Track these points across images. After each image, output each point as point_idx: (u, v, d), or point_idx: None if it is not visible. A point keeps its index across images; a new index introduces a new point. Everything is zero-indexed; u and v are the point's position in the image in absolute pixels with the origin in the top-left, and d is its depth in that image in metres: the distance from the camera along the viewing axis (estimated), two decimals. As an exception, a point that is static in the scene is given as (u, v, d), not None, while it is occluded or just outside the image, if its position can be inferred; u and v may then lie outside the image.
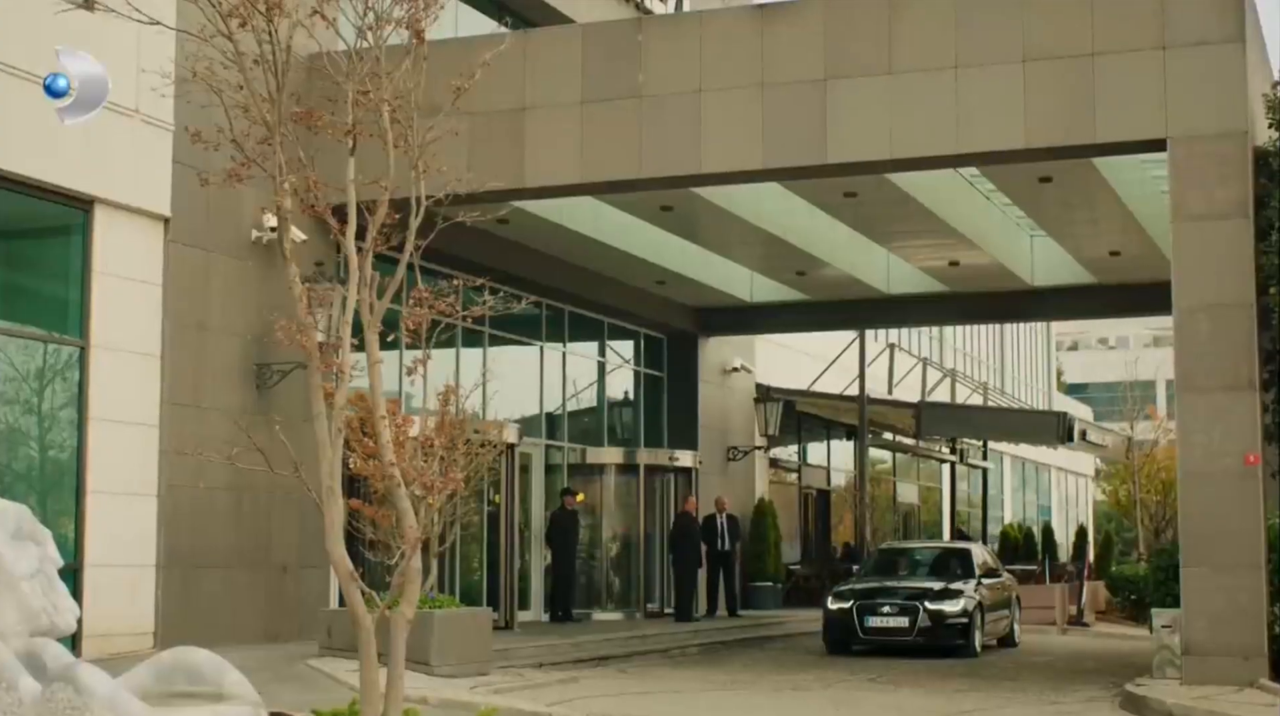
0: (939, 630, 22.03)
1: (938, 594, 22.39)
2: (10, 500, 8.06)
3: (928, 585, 22.88)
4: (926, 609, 22.03)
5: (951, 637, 22.09)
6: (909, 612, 22.06)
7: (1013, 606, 25.14)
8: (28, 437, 16.25)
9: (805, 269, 26.26)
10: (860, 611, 22.20)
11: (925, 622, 21.95)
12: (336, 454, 9.67)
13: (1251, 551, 15.78)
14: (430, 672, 15.68)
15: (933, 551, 26.61)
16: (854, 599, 22.40)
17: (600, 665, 19.54)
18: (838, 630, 22.46)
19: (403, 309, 11.49)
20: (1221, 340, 16.05)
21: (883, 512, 39.91)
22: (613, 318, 28.02)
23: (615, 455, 27.15)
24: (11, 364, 15.89)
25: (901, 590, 22.81)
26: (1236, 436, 15.93)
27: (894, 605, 22.18)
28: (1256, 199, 16.25)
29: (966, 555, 24.76)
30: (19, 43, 14.81)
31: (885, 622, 22.12)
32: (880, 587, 22.93)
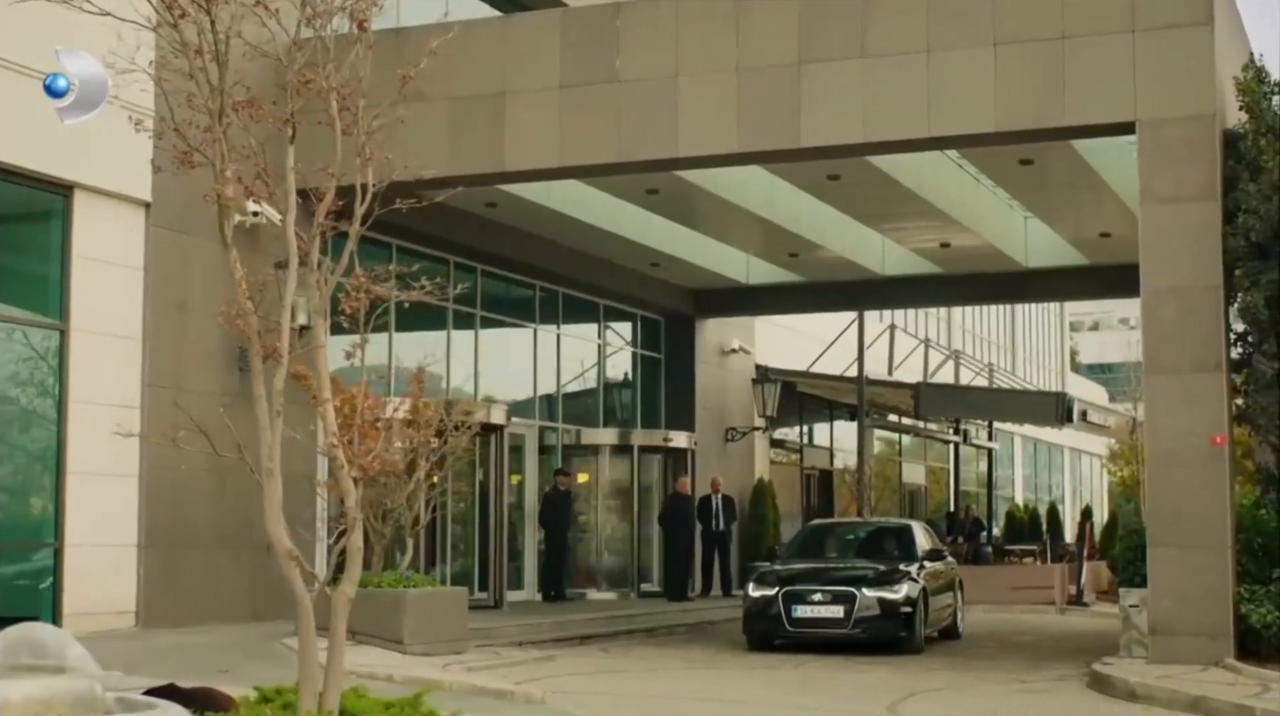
0: (879, 620, 19.06)
1: (877, 578, 19.49)
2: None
3: (865, 568, 20.18)
4: (864, 595, 19.05)
5: (893, 629, 19.16)
6: (844, 600, 19.03)
7: (956, 593, 22.26)
8: (8, 419, 16.48)
9: (798, 251, 26.39)
10: (787, 599, 19.14)
11: (863, 612, 18.96)
12: (276, 436, 9.83)
13: (1218, 532, 15.88)
14: (404, 651, 15.91)
15: (869, 529, 23.70)
16: (779, 584, 19.35)
17: (583, 644, 19.76)
18: (760, 621, 19.41)
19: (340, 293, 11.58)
20: (1189, 322, 16.13)
21: (887, 493, 40.08)
22: (609, 300, 28.19)
23: (610, 436, 27.36)
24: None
25: (835, 574, 19.97)
26: (1204, 418, 16.01)
27: (826, 592, 19.13)
28: (1225, 181, 16.31)
29: (907, 534, 21.99)
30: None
31: (816, 612, 19.05)
32: (810, 571, 20.14)
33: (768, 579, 19.77)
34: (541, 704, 13.52)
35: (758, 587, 19.64)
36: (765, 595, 19.40)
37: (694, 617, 23.46)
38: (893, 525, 24.08)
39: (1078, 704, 14.74)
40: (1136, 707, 14.43)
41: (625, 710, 13.55)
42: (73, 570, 16.31)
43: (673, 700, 14.62)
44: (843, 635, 18.98)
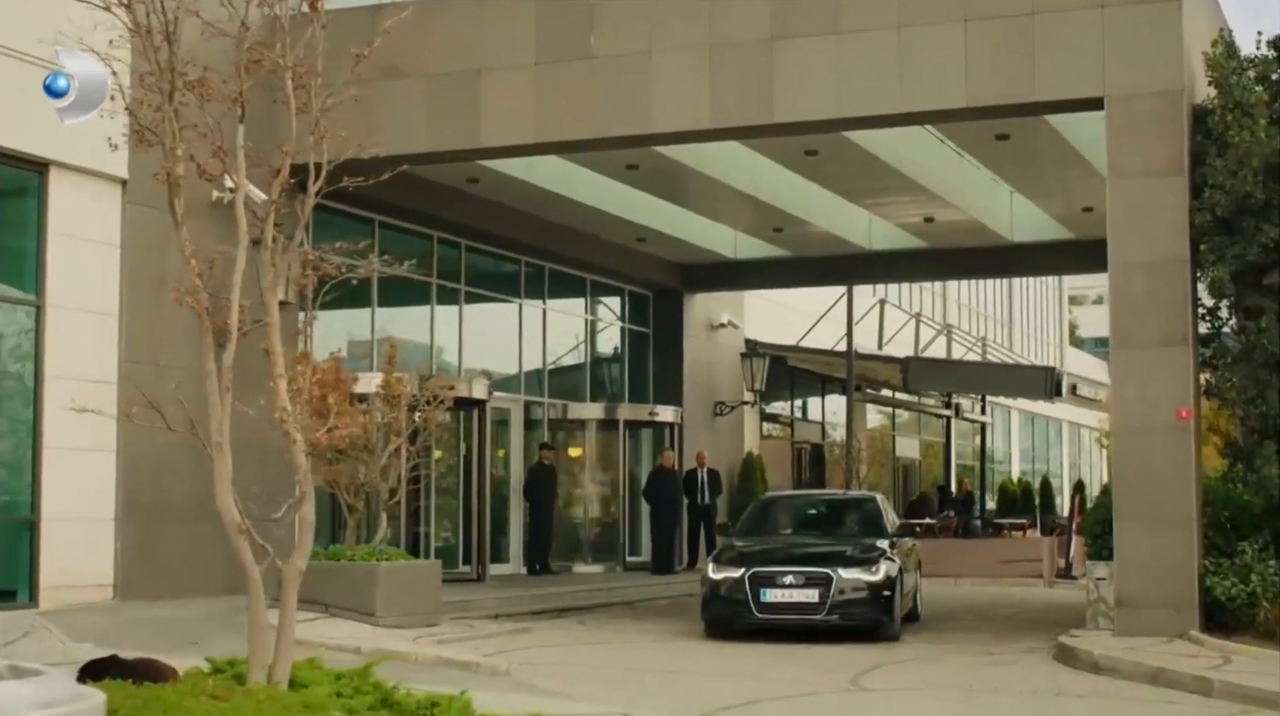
0: (857, 605, 17.16)
1: (853, 558, 17.59)
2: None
3: (837, 547, 18.31)
4: (841, 577, 17.07)
5: (872, 614, 17.27)
6: (818, 583, 17.02)
7: (917, 572, 20.19)
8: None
9: (783, 226, 26.48)
10: (754, 582, 17.06)
11: (840, 595, 17.02)
12: (225, 410, 9.97)
13: (1184, 505, 16.00)
14: (376, 623, 16.10)
15: (830, 503, 21.76)
16: (745, 565, 17.36)
17: (561, 617, 19.92)
18: (722, 606, 17.38)
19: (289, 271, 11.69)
20: (1156, 296, 16.23)
21: (881, 468, 40.24)
22: (596, 275, 28.31)
23: (596, 411, 27.51)
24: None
25: (805, 553, 18.00)
26: (1170, 391, 16.12)
27: (799, 573, 17.10)
28: (1193, 156, 16.39)
29: (872, 507, 20.00)
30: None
31: (788, 596, 16.99)
32: (777, 550, 18.26)
33: (729, 558, 17.63)
34: (506, 675, 13.67)
35: (719, 568, 17.48)
36: (728, 577, 17.20)
37: (676, 590, 23.58)
38: (856, 498, 22.29)
39: (1040, 675, 14.87)
40: (1099, 679, 14.57)
41: (589, 682, 13.67)
42: (50, 544, 16.46)
43: (639, 672, 14.76)
44: (817, 622, 17.01)
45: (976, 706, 13.07)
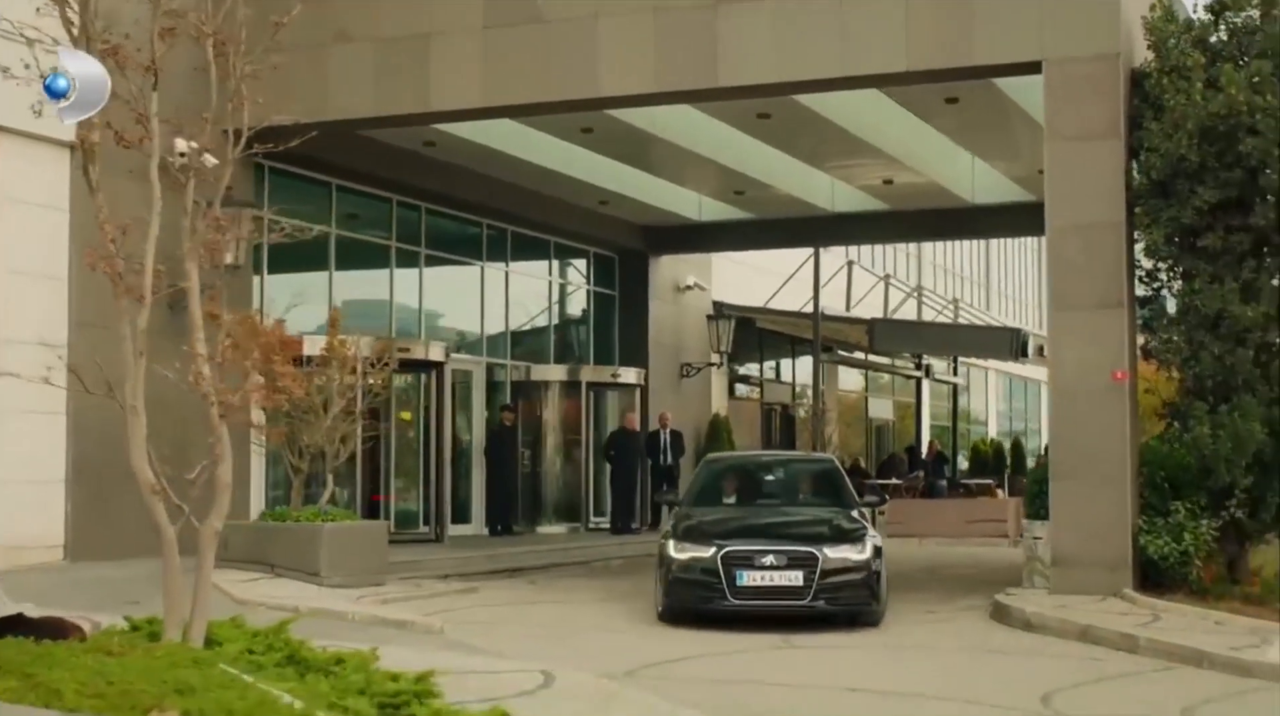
0: (845, 588, 14.98)
1: (837, 533, 15.43)
2: None
3: (814, 520, 16.19)
4: (828, 557, 14.85)
5: (860, 598, 15.15)
6: (802, 563, 14.77)
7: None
8: (-68, 359, 16.76)
9: (743, 189, 26.62)
10: (728, 563, 14.79)
11: (828, 578, 14.82)
12: (139, 373, 10.12)
13: (1119, 466, 16.19)
14: (320, 583, 16.27)
15: (784, 467, 18.94)
16: (714, 543, 15.04)
17: (513, 576, 20.12)
18: (691, 590, 15.02)
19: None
20: (1092, 259, 16.40)
21: (852, 429, 40.46)
22: (559, 237, 28.42)
23: (559, 372, 27.68)
24: (-86, 287, 16.42)
25: (784, 529, 15.82)
26: (1106, 353, 16.31)
27: (780, 553, 14.83)
28: (1130, 119, 16.53)
29: (833, 472, 17.83)
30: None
31: (768, 579, 14.76)
32: (748, 525, 15.94)
33: (693, 533, 15.36)
34: (440, 634, 13.87)
35: (684, 546, 15.14)
36: (696, 557, 14.93)
37: (633, 551, 23.76)
38: (813, 461, 19.75)
39: (973, 633, 15.09)
40: (1030, 636, 14.80)
41: (523, 640, 13.88)
42: (1, 505, 16.64)
43: (577, 630, 14.95)
44: (801, 608, 14.77)
45: (900, 663, 13.29)
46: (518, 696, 9.98)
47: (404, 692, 8.22)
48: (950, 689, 11.79)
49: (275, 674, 8.92)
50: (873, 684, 11.97)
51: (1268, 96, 15.65)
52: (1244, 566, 16.82)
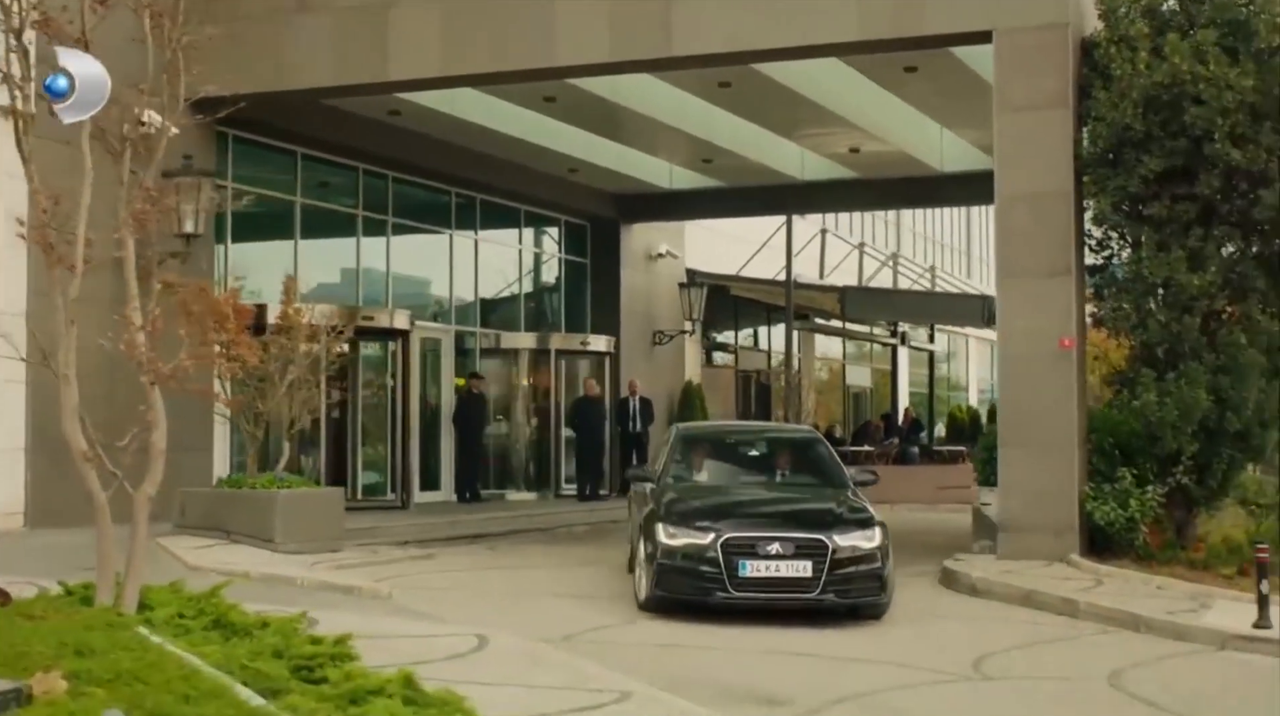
0: (856, 580, 13.37)
1: (845, 519, 13.84)
2: None
3: (817, 503, 14.51)
4: (838, 545, 13.27)
5: (871, 590, 13.49)
6: (810, 552, 13.20)
7: None
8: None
9: (711, 157, 26.71)
10: (729, 550, 13.17)
11: (838, 568, 13.25)
12: (70, 342, 10.25)
13: (1066, 432, 16.35)
14: (275, 550, 16.42)
15: (768, 439, 17.29)
16: (713, 528, 13.42)
17: (473, 542, 20.24)
18: (686, 580, 13.37)
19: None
20: (1041, 228, 16.52)
21: (830, 396, 40.60)
22: (530, 206, 28.52)
23: (529, 340, 27.82)
24: None
25: (788, 512, 14.23)
26: (1054, 321, 16.44)
27: (788, 541, 13.26)
28: (1080, 89, 16.63)
29: (819, 446, 16.25)
30: None
31: (774, 570, 13.17)
32: (747, 508, 14.42)
33: (687, 517, 13.73)
34: (387, 599, 14.01)
35: (678, 531, 13.51)
36: (693, 544, 13.32)
37: (598, 517, 23.94)
38: (797, 435, 17.74)
39: (920, 598, 15.21)
40: (975, 601, 14.98)
41: (469, 605, 14.01)
42: (-39, 474, 16.81)
43: (527, 597, 15.04)
44: (809, 601, 13.24)
45: (840, 627, 13.38)
46: (447, 659, 10.16)
47: (320, 656, 8.37)
48: (886, 653, 11.96)
49: (201, 637, 9.09)
50: (810, 648, 12.11)
51: (1212, 66, 15.74)
52: (1192, 532, 16.99)
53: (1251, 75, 15.80)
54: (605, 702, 8.82)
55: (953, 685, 10.72)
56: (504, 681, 9.39)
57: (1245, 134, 15.85)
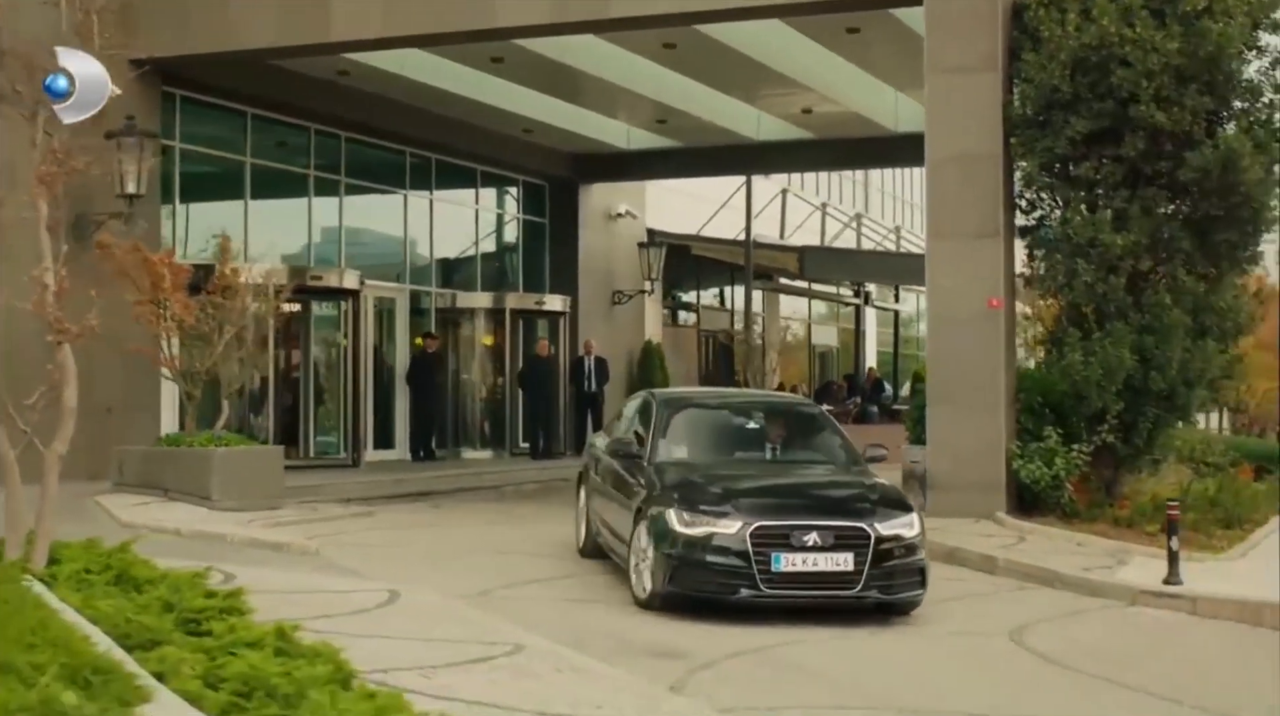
0: (900, 574, 11.68)
1: (882, 503, 12.04)
2: None
3: (843, 484, 12.76)
4: (880, 534, 11.57)
5: (914, 585, 11.82)
6: (853, 543, 11.47)
7: None
8: None
9: (665, 118, 26.81)
10: (760, 541, 11.36)
11: (880, 561, 11.53)
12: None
13: (993, 391, 16.55)
14: (212, 507, 16.59)
15: (764, 410, 14.58)
16: (741, 516, 11.56)
17: (418, 500, 20.42)
18: (710, 576, 11.51)
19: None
20: (970, 189, 16.69)
21: (795, 356, 40.77)
22: (486, 166, 28.62)
23: (484, 300, 27.96)
24: None
25: (814, 497, 12.49)
26: (982, 281, 16.63)
27: (827, 529, 11.48)
28: (1010, 51, 16.77)
29: (822, 419, 14.42)
30: None
31: (812, 563, 11.40)
32: (772, 490, 12.54)
33: (709, 504, 11.80)
34: (315, 556, 14.20)
35: (695, 519, 11.65)
36: (716, 533, 11.54)
37: (548, 476, 24.14)
38: (801, 406, 15.60)
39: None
40: (899, 558, 15.15)
41: (396, 562, 14.12)
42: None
43: (460, 553, 15.16)
44: (849, 599, 11.55)
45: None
46: (352, 614, 10.34)
47: (210, 609, 8.55)
48: (793, 607, 12.16)
49: (101, 591, 9.25)
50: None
51: (1138, 29, 15.89)
52: (1119, 490, 17.23)
53: (1177, 38, 15.94)
54: (496, 655, 8.99)
55: (855, 639, 10.93)
56: (402, 635, 9.57)
57: (1170, 97, 16.01)
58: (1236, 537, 16.53)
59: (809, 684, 9.43)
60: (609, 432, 15.07)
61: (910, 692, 9.21)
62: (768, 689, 9.29)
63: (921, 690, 9.33)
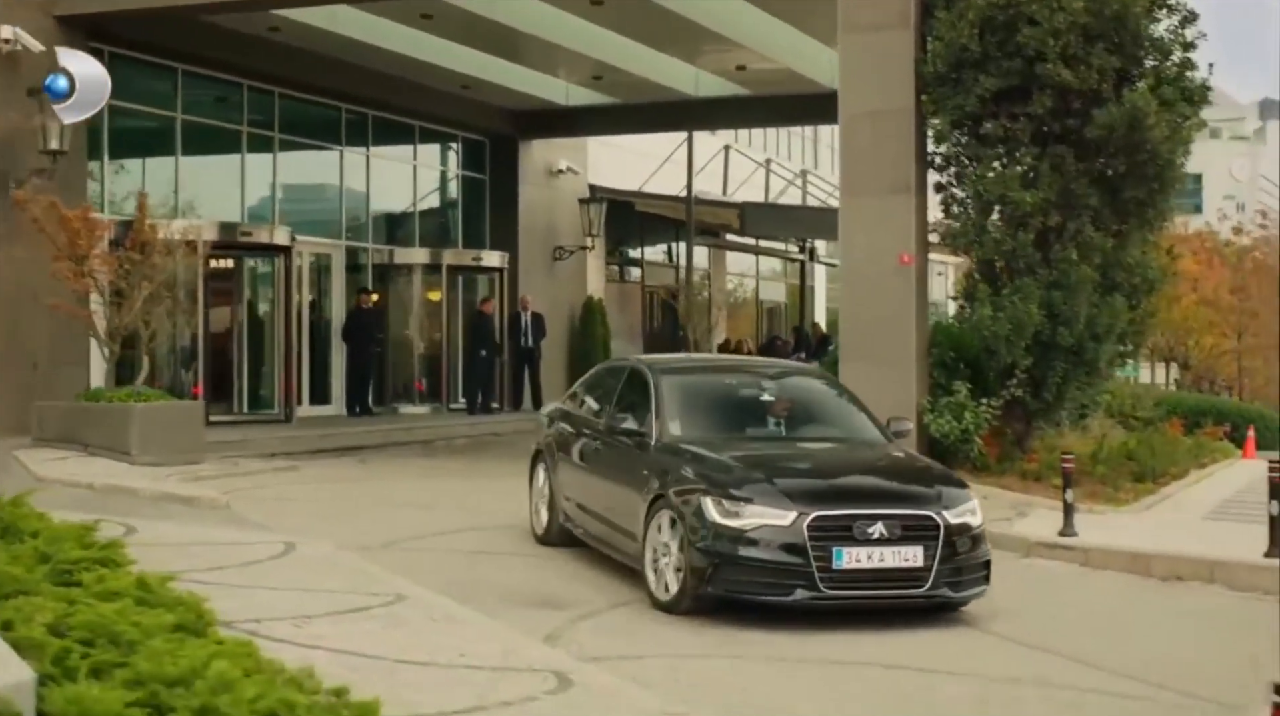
0: (968, 569, 10.31)
1: (941, 485, 10.66)
2: None
3: (897, 469, 11.24)
4: (950, 524, 10.16)
5: (980, 581, 10.47)
6: (922, 535, 10.07)
7: None
8: None
9: (600, 74, 26.89)
10: (819, 533, 9.83)
11: (950, 555, 10.13)
12: None
13: (904, 347, 16.75)
14: (131, 462, 16.70)
15: (778, 382, 12.66)
16: (793, 499, 10.01)
17: (345, 455, 20.53)
18: (758, 575, 9.91)
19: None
20: (883, 146, 16.85)
21: (743, 311, 40.98)
22: (425, 122, 28.65)
23: (421, 256, 28.04)
24: None
25: (872, 484, 10.94)
26: (894, 238, 16.80)
27: (892, 519, 10.02)
28: (923, 10, 16.92)
29: (840, 390, 13.22)
30: None
31: (878, 558, 9.94)
32: (811, 475, 10.98)
33: (754, 486, 10.20)
34: (224, 509, 14.36)
35: (737, 508, 10.01)
36: (767, 525, 9.92)
37: (481, 431, 24.31)
38: (816, 376, 14.29)
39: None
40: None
41: (306, 517, 14.21)
42: None
43: (373, 506, 15.35)
44: (919, 599, 10.16)
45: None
46: (244, 566, 10.49)
47: (86, 560, 8.68)
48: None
49: (-15, 544, 9.38)
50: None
51: (1045, -13, 16.06)
52: (1029, 444, 17.47)
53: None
54: (374, 605, 9.16)
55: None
56: (287, 586, 9.73)
57: (1077, 55, 16.18)
58: (1145, 491, 16.83)
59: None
60: (576, 405, 13.28)
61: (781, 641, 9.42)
62: (642, 639, 9.51)
63: (791, 638, 9.56)
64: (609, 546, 11.65)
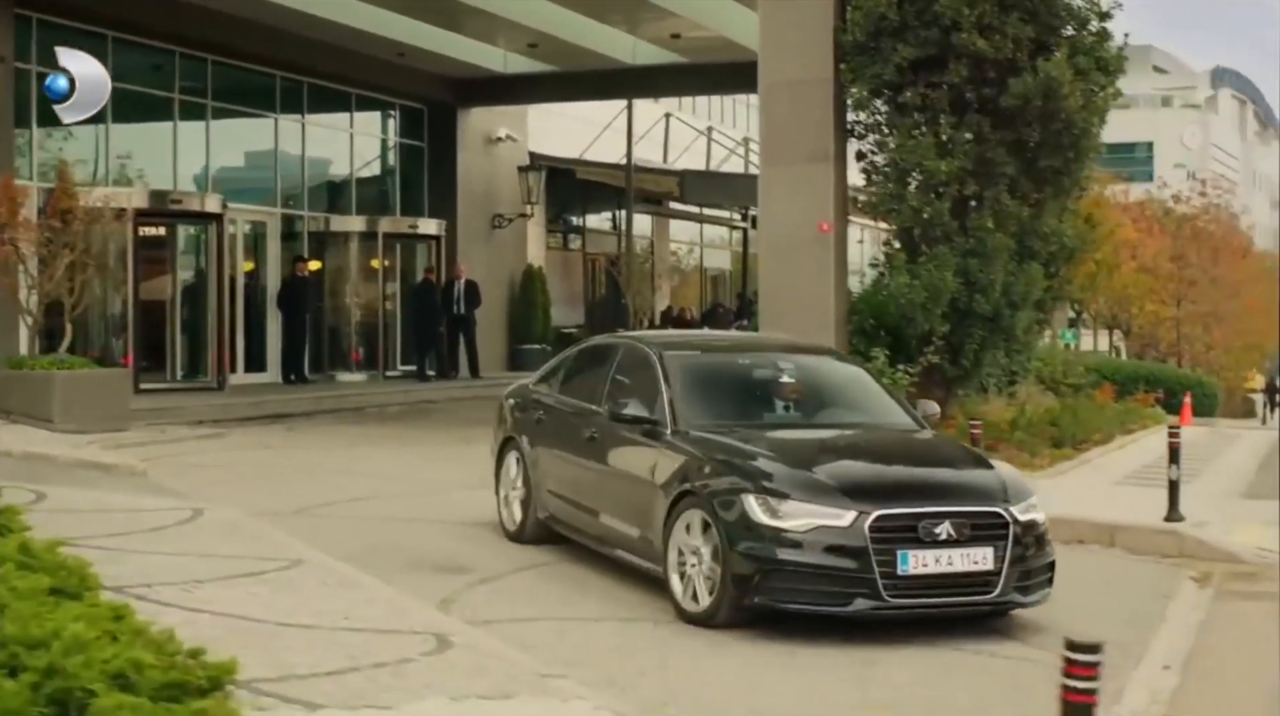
0: (1037, 572, 9.33)
1: (1004, 479, 9.60)
2: None
3: (952, 461, 10.08)
4: (1018, 521, 9.15)
5: (1045, 582, 9.40)
6: (991, 535, 9.08)
7: None
8: None
9: (535, 41, 26.93)
10: (882, 536, 8.78)
11: (1020, 555, 9.14)
12: None
13: (823, 314, 16.90)
14: (53, 429, 16.73)
15: (795, 363, 11.16)
16: (850, 496, 8.93)
17: (274, 422, 20.57)
18: (815, 583, 8.81)
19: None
20: (801, 115, 16.98)
21: (687, 278, 41.11)
22: (361, 89, 28.61)
23: (358, 223, 28.05)
24: None
25: (928, 477, 9.75)
26: (813, 207, 16.94)
27: (960, 518, 9.00)
28: (842, -22, 17.04)
29: (863, 371, 11.98)
30: None
31: (946, 562, 8.92)
32: (862, 470, 9.80)
33: (805, 483, 9.08)
34: (141, 476, 14.40)
35: (783, 507, 8.91)
36: (821, 525, 8.84)
37: (414, 398, 24.38)
38: (834, 358, 12.33)
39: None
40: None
41: (222, 484, 14.23)
42: None
43: (293, 473, 15.41)
44: (986, 605, 9.15)
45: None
46: (148, 532, 10.58)
47: (-21, 528, 8.76)
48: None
49: (-117, 512, 9.44)
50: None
51: (961, -43, 16.18)
52: (948, 411, 17.62)
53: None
54: (269, 570, 9.26)
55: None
56: (185, 551, 9.81)
57: (993, 24, 16.33)
58: (1062, 457, 17.03)
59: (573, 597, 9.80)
60: (553, 388, 11.99)
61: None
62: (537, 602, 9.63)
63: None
64: (609, 546, 10.45)
